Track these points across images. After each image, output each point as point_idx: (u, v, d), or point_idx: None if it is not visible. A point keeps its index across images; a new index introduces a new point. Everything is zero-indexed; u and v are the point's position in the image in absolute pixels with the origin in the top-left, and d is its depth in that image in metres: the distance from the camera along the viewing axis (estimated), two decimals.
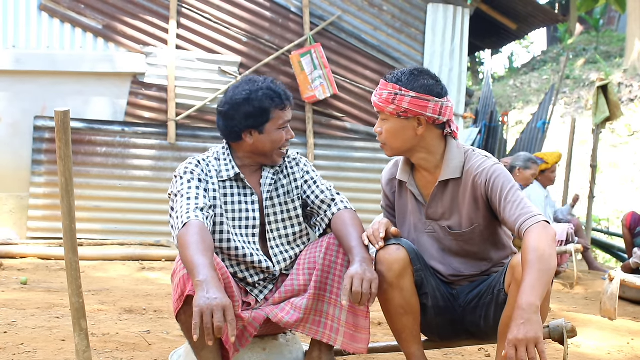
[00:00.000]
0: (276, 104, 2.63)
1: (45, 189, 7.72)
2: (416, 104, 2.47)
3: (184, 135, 7.96)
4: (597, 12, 24.01)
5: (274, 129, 2.64)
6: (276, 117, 2.64)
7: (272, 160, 2.69)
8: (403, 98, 2.47)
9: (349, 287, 2.34)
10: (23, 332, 3.43)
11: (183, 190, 2.55)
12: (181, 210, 2.48)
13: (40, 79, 7.75)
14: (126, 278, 5.72)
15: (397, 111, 2.49)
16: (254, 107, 2.61)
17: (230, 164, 2.67)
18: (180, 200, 2.52)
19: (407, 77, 2.50)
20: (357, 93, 8.16)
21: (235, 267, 2.63)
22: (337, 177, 7.95)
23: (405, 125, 2.51)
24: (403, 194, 2.69)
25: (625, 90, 17.41)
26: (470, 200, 2.53)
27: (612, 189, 14.36)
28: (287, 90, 2.72)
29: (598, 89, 8.13)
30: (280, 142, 2.66)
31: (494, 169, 2.49)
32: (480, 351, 3.44)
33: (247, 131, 2.64)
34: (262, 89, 2.64)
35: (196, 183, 2.57)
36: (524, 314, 2.14)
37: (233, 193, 2.66)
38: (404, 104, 2.47)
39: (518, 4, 9.35)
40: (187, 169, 2.61)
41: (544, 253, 2.23)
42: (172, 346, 3.27)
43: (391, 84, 2.51)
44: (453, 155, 2.55)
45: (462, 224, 2.56)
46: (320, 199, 2.71)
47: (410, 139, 2.53)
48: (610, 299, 3.64)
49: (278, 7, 8.07)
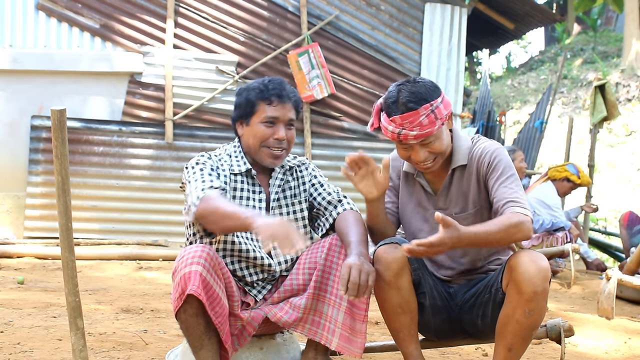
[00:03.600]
0: (262, 97, 2.62)
1: (42, 189, 7.71)
2: (446, 104, 2.50)
3: (182, 135, 7.95)
4: (594, 12, 24.02)
5: (257, 123, 2.63)
6: (261, 110, 2.63)
7: (258, 158, 2.66)
8: (439, 107, 2.45)
9: (346, 277, 2.33)
10: (20, 332, 3.42)
11: (196, 176, 2.55)
12: (196, 190, 2.48)
13: (38, 79, 7.74)
14: (123, 277, 5.72)
15: (442, 121, 2.47)
16: (242, 97, 2.66)
17: (242, 159, 2.68)
18: (193, 184, 2.52)
19: (422, 90, 2.45)
20: (354, 92, 8.16)
21: (236, 265, 2.62)
22: (334, 177, 7.92)
23: (444, 131, 2.53)
24: (409, 183, 2.71)
25: (622, 90, 17.44)
26: (475, 182, 2.56)
27: (609, 189, 14.37)
28: (286, 89, 2.66)
29: (595, 89, 8.14)
30: (264, 138, 2.62)
31: (498, 152, 2.53)
32: (477, 350, 3.44)
33: (239, 122, 2.68)
34: (259, 82, 2.66)
35: (208, 170, 2.58)
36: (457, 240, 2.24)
37: (243, 188, 2.66)
38: (443, 111, 2.47)
39: (515, 4, 9.36)
40: (198, 161, 2.62)
41: (513, 224, 2.31)
42: (169, 345, 3.27)
43: (422, 107, 2.43)
44: (460, 142, 2.59)
45: (467, 207, 2.59)
46: (327, 200, 2.72)
47: (449, 141, 2.56)
48: (607, 298, 3.64)
49: (275, 7, 8.07)
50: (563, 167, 7.17)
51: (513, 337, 2.39)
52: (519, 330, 2.37)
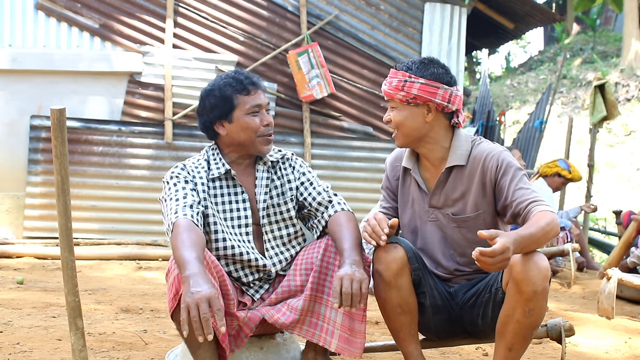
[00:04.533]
0: (238, 90, 2.61)
1: (41, 189, 7.70)
2: (425, 90, 2.50)
3: (181, 135, 7.94)
4: (593, 12, 24.03)
5: (242, 115, 2.61)
6: (242, 103, 2.61)
7: (257, 149, 2.65)
8: (412, 84, 2.51)
9: (338, 289, 2.32)
10: (19, 332, 3.42)
11: (170, 194, 2.56)
12: (169, 212, 2.49)
13: (37, 78, 7.73)
14: (123, 277, 5.72)
15: (407, 97, 2.52)
16: (215, 96, 2.62)
17: (221, 161, 2.66)
18: (168, 203, 2.54)
19: (417, 65, 2.55)
20: (354, 92, 8.15)
21: (230, 266, 2.62)
22: (334, 177, 7.95)
23: (414, 112, 2.54)
24: (407, 181, 2.71)
25: (622, 89, 17.45)
26: (478, 185, 2.55)
27: (609, 189, 14.38)
28: (253, 75, 2.68)
29: (595, 89, 8.15)
30: (256, 128, 2.62)
31: (505, 155, 2.54)
32: (477, 350, 3.43)
33: (218, 123, 2.64)
34: (223, 78, 2.64)
35: (182, 184, 2.58)
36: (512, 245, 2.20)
37: (223, 193, 2.64)
38: (414, 90, 2.50)
39: (515, 4, 9.35)
40: (172, 174, 2.62)
41: (549, 222, 2.31)
42: (168, 345, 3.26)
43: (401, 72, 2.55)
44: (460, 143, 2.59)
45: (466, 209, 2.57)
46: (318, 200, 2.68)
47: (419, 127, 2.55)
48: (607, 297, 3.64)
49: (275, 6, 8.06)
50: (554, 163, 7.20)
51: (513, 337, 2.39)
52: (519, 330, 2.37)
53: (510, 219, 2.52)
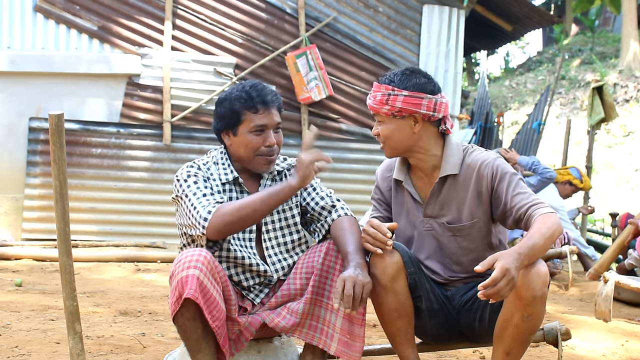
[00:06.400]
0: (246, 106, 2.57)
1: (40, 191, 7.70)
2: (409, 102, 2.50)
3: (180, 137, 7.95)
4: (592, 13, 24.06)
5: (246, 132, 2.58)
6: (247, 120, 2.58)
7: (255, 167, 2.63)
8: (396, 98, 2.51)
9: (340, 290, 2.33)
10: (17, 335, 3.42)
11: (192, 189, 2.52)
12: (201, 207, 2.46)
13: (35, 80, 7.74)
14: (121, 280, 5.72)
15: (392, 111, 2.52)
16: (225, 107, 2.60)
17: (229, 167, 2.65)
18: (192, 198, 2.50)
19: (399, 77, 2.54)
20: (352, 94, 8.16)
21: (232, 270, 2.61)
22: (332, 179, 7.95)
23: (401, 124, 2.54)
24: (399, 192, 2.70)
25: (620, 90, 17.47)
26: (473, 193, 2.55)
27: (607, 190, 14.39)
28: (269, 92, 2.62)
29: (593, 90, 8.15)
30: (255, 147, 2.59)
31: (499, 162, 2.55)
32: (475, 353, 3.44)
33: (225, 132, 2.64)
34: (239, 90, 2.60)
35: (203, 184, 2.55)
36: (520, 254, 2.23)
37: (231, 197, 2.62)
38: (398, 103, 2.51)
39: (513, 6, 9.37)
40: (189, 172, 2.58)
41: (551, 225, 2.33)
42: (167, 349, 3.27)
43: (384, 86, 2.55)
44: (452, 152, 2.59)
45: (461, 218, 2.58)
46: (321, 205, 2.68)
47: (407, 138, 2.55)
48: (604, 300, 3.64)
49: (273, 9, 8.07)
50: (566, 171, 7.17)
51: (511, 341, 2.39)
52: (517, 335, 2.37)
53: (513, 225, 2.52)
